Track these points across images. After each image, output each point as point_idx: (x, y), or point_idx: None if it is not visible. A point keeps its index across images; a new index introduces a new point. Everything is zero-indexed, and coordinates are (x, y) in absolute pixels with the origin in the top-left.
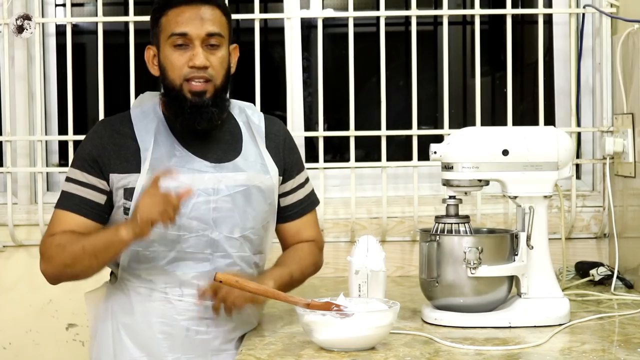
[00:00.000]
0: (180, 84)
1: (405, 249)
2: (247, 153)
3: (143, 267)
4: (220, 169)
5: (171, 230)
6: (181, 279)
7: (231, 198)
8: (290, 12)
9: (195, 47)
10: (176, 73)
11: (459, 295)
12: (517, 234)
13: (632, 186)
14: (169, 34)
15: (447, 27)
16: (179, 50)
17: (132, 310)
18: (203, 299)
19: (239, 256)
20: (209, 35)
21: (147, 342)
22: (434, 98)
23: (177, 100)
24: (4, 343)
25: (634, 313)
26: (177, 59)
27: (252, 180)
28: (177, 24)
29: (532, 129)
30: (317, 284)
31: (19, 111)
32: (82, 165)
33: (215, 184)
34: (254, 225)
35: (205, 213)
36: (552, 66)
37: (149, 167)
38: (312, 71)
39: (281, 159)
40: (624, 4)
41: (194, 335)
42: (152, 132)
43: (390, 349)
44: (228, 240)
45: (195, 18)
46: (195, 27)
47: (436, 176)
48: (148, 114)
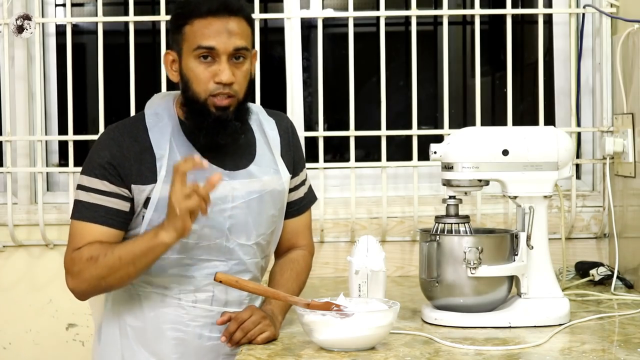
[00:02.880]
0: (205, 98)
1: (405, 249)
2: (260, 159)
3: (156, 273)
4: (235, 176)
5: (188, 239)
6: (195, 285)
7: (246, 205)
8: (290, 12)
9: (221, 62)
10: (201, 87)
11: (459, 295)
12: (517, 234)
13: (632, 186)
14: (195, 45)
15: (447, 27)
16: (204, 63)
17: (142, 316)
18: (222, 323)
19: (252, 262)
20: (236, 50)
21: (158, 348)
22: (434, 98)
23: (201, 114)
24: (4, 343)
25: (634, 313)
26: (202, 73)
27: (266, 186)
28: (204, 37)
29: (532, 129)
30: (317, 284)
31: (19, 111)
32: (102, 173)
33: (231, 192)
34: (265, 231)
35: (221, 221)
36: (552, 66)
37: (165, 175)
38: (312, 71)
39: (291, 157)
40: (624, 4)
41: (206, 341)
42: (167, 138)
43: (390, 349)
44: (242, 247)
45: (222, 31)
46: (223, 41)
47: (436, 176)
48: (162, 117)
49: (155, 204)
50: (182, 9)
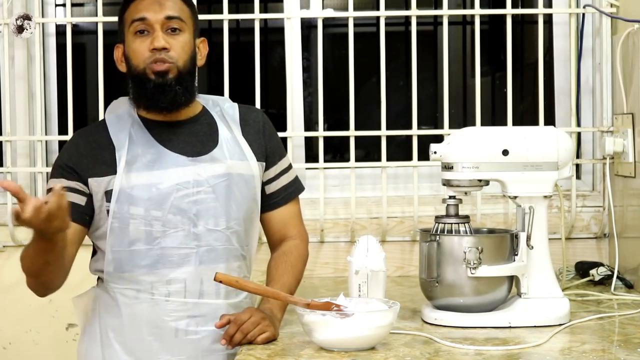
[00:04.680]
0: (143, 67)
1: (405, 249)
2: (223, 143)
3: (127, 268)
4: (199, 161)
5: (152, 227)
6: (167, 277)
7: (212, 190)
8: (290, 12)
9: (155, 31)
10: (140, 59)
11: (459, 295)
12: (517, 234)
13: (632, 186)
14: (130, 21)
15: (447, 27)
16: (140, 37)
17: (119, 313)
18: (221, 326)
19: (225, 249)
20: (168, 18)
21: (135, 345)
22: (434, 98)
23: (141, 83)
24: (4, 343)
25: (634, 313)
26: (139, 46)
27: (233, 170)
28: (137, 11)
29: (532, 129)
30: (317, 284)
31: (19, 111)
32: (60, 173)
33: (195, 177)
34: (237, 216)
35: (186, 207)
36: (552, 66)
37: (125, 165)
38: (312, 71)
39: (262, 145)
40: (624, 4)
41: (183, 335)
42: (126, 131)
43: (390, 349)
44: (212, 233)
45: (154, 3)
46: (154, 11)
47: (436, 176)
48: (122, 116)
49: (117, 195)
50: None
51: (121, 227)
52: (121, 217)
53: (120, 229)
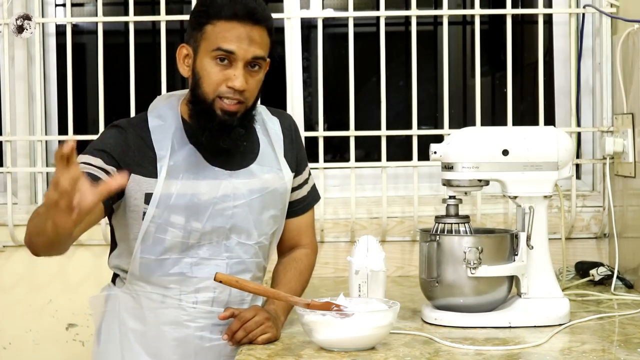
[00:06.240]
0: (212, 98)
1: (405, 249)
2: (263, 158)
3: (157, 273)
4: (237, 175)
5: (189, 239)
6: (197, 286)
7: (248, 204)
8: (290, 12)
9: (237, 68)
10: (211, 87)
11: (459, 295)
12: (517, 234)
13: (632, 186)
14: (215, 46)
15: (447, 27)
16: (219, 65)
17: (142, 317)
18: (224, 318)
19: (253, 262)
20: (254, 59)
21: (158, 349)
22: (434, 98)
23: (207, 114)
24: (4, 343)
25: (634, 313)
26: (215, 74)
27: (269, 185)
28: (225, 40)
29: (532, 129)
30: (317, 284)
31: (19, 111)
32: (101, 155)
33: (232, 191)
34: (267, 231)
35: (223, 220)
36: (552, 66)
37: (166, 177)
38: (312, 71)
39: (294, 155)
40: (624, 4)
41: (206, 342)
42: (169, 138)
43: (390, 349)
44: (243, 246)
45: (244, 38)
46: (243, 48)
47: (436, 176)
48: (165, 118)
49: (158, 200)
50: (207, 7)
51: (157, 232)
52: (160, 223)
53: (156, 235)
